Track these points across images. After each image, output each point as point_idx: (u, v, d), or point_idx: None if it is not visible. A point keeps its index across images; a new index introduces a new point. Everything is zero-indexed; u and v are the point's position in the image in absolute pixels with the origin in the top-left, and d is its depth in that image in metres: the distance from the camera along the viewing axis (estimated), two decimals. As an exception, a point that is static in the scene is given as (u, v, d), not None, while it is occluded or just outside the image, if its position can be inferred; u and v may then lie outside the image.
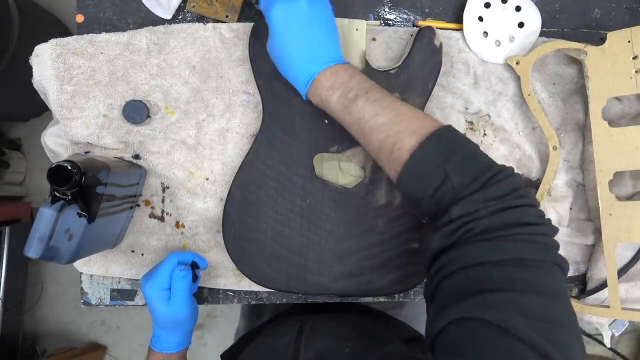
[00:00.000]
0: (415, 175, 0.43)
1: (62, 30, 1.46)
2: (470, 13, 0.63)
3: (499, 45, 0.64)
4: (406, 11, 0.65)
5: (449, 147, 0.43)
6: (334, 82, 0.48)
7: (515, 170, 0.65)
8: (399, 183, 0.46)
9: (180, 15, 0.63)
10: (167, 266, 0.55)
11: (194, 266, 0.58)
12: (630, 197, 0.64)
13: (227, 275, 0.64)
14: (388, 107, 0.46)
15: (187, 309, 0.56)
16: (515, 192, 0.39)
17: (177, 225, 0.64)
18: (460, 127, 0.64)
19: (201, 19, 0.63)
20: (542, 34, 0.64)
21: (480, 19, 0.63)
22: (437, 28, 0.59)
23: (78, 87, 0.60)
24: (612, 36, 0.59)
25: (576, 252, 0.66)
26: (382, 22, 0.65)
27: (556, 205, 0.65)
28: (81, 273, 0.65)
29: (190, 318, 0.57)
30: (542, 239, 0.39)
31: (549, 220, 0.41)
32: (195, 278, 0.59)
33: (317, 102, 0.51)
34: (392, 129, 0.45)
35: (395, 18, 0.65)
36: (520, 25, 0.63)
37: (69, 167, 0.47)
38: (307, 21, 0.49)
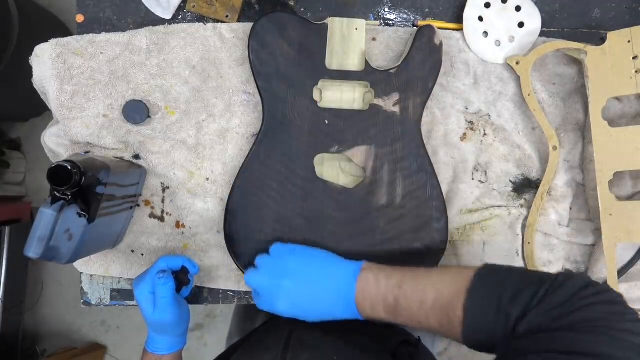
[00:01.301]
0: (478, 330, 0.42)
1: (62, 30, 1.46)
2: (470, 13, 0.63)
3: (499, 45, 0.64)
4: (406, 11, 0.65)
5: (495, 286, 0.42)
6: (371, 301, 0.48)
7: (517, 171, 0.65)
8: (466, 343, 0.44)
9: (180, 15, 0.63)
10: (153, 271, 0.56)
11: (185, 271, 0.58)
12: (630, 197, 0.64)
13: (227, 276, 0.64)
14: (426, 288, 0.46)
15: (172, 315, 0.56)
16: (577, 295, 0.38)
17: (177, 225, 0.64)
18: (461, 127, 0.64)
19: (201, 19, 0.63)
20: (542, 34, 0.64)
21: (480, 19, 0.63)
22: (437, 28, 0.59)
23: (78, 87, 0.60)
24: (612, 36, 0.59)
25: (576, 252, 0.66)
26: (382, 22, 0.65)
27: (556, 205, 0.65)
28: (81, 273, 0.65)
29: (177, 322, 0.57)
30: (612, 333, 0.35)
31: (633, 317, 0.37)
32: (187, 282, 0.59)
33: (371, 320, 0.51)
34: (442, 306, 0.44)
35: (395, 18, 0.65)
36: (520, 25, 0.63)
37: (69, 167, 0.47)
38: (304, 284, 0.50)
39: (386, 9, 0.65)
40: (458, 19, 0.64)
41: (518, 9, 0.63)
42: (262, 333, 0.67)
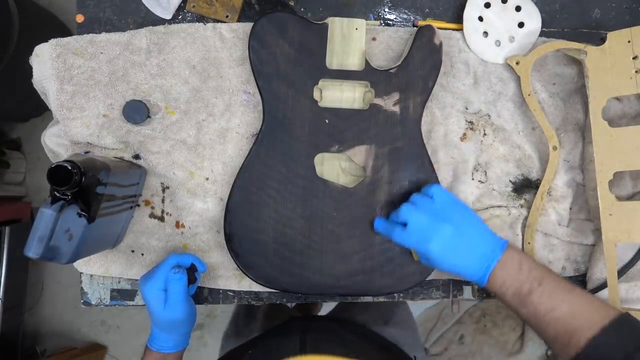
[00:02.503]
0: None
1: (62, 30, 1.46)
2: (470, 13, 0.63)
3: (499, 45, 0.64)
4: (406, 11, 0.65)
5: (632, 337, 0.43)
6: (505, 279, 0.50)
7: (517, 171, 0.65)
8: None
9: (180, 15, 0.63)
10: (165, 267, 0.55)
11: (193, 269, 0.58)
12: (630, 197, 0.64)
13: (227, 276, 0.64)
14: (564, 301, 0.47)
15: (183, 311, 0.56)
16: None
17: (177, 225, 0.64)
18: (461, 127, 0.64)
19: (201, 19, 0.63)
20: (542, 34, 0.64)
21: (480, 19, 0.63)
22: (437, 28, 0.59)
23: (78, 87, 0.60)
24: (612, 36, 0.59)
25: (576, 252, 0.66)
26: (382, 22, 0.65)
27: (556, 205, 0.65)
28: (81, 273, 0.65)
29: (187, 320, 0.57)
30: None
31: None
32: (194, 280, 0.59)
33: (493, 293, 0.52)
34: (569, 324, 0.46)
35: (395, 18, 0.65)
36: (520, 25, 0.63)
37: (69, 167, 0.47)
38: (459, 235, 0.51)
39: (386, 9, 0.65)
40: (458, 19, 0.64)
41: (518, 9, 0.63)
42: (273, 337, 0.67)
